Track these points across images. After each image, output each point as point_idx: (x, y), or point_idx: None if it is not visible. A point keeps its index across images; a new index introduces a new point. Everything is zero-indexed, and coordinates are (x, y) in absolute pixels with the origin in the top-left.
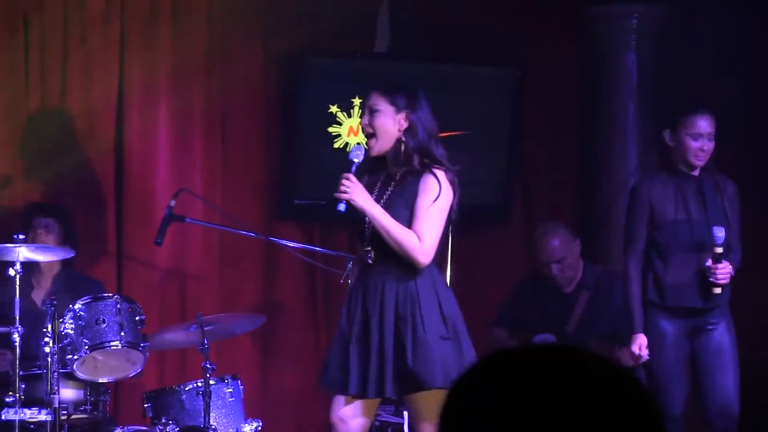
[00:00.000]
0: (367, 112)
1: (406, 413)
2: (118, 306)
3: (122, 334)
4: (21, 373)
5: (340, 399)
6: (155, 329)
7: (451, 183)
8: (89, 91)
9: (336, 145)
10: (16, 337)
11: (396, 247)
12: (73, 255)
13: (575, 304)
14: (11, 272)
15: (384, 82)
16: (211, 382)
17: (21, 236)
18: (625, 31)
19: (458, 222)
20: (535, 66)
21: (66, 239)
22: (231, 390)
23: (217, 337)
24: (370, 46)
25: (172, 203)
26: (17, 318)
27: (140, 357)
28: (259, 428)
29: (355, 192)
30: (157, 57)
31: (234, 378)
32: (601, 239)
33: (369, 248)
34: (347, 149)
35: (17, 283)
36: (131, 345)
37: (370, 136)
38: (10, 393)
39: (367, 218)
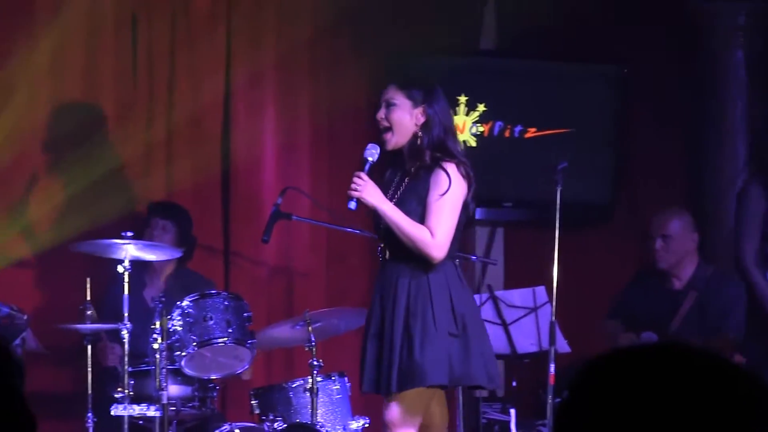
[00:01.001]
0: (383, 105)
1: (513, 410)
2: (226, 303)
3: (230, 330)
4: (130, 369)
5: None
6: (262, 326)
7: (465, 176)
8: (196, 89)
9: None
10: (125, 333)
11: (408, 242)
12: (179, 255)
13: (682, 303)
14: (120, 269)
15: (402, 75)
16: (318, 379)
17: (129, 233)
18: (733, 28)
19: (564, 219)
20: (642, 63)
21: (181, 241)
22: (338, 387)
23: (324, 334)
24: (475, 44)
25: (279, 201)
26: (126, 315)
27: (247, 354)
28: (366, 425)
29: (366, 190)
30: (264, 56)
31: (341, 375)
32: (708, 238)
33: (383, 244)
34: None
35: (126, 280)
36: (239, 342)
37: (386, 130)
38: (120, 389)
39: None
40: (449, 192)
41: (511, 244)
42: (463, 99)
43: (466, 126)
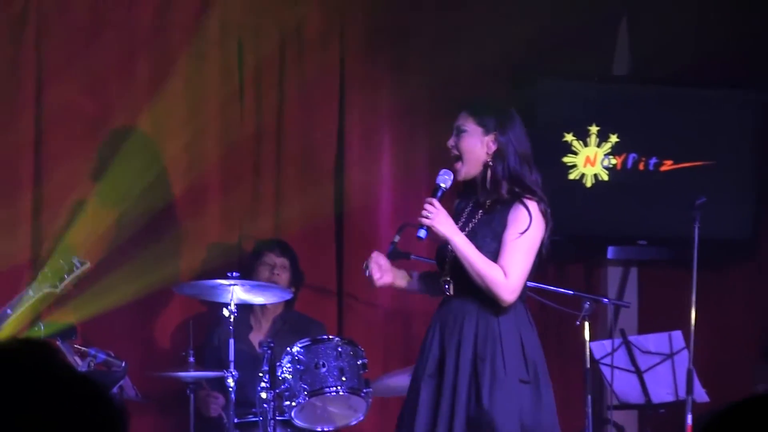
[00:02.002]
0: (454, 132)
1: None
2: (339, 349)
3: (343, 379)
4: (236, 420)
5: None
6: (378, 374)
7: (543, 214)
8: (308, 120)
9: (572, 177)
10: (230, 381)
11: (478, 280)
12: (290, 297)
13: None
14: (225, 313)
15: (474, 101)
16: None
17: (235, 274)
18: None
19: (702, 258)
20: None
21: (295, 281)
22: None
23: None
24: (608, 69)
25: (396, 239)
26: (232, 362)
27: (362, 404)
28: None
29: (438, 218)
30: (379, 83)
31: None
32: None
33: (449, 278)
34: (584, 181)
35: (232, 324)
36: (353, 391)
37: (456, 158)
38: None
39: (449, 246)
40: (529, 231)
41: (646, 285)
42: (594, 129)
43: (598, 158)
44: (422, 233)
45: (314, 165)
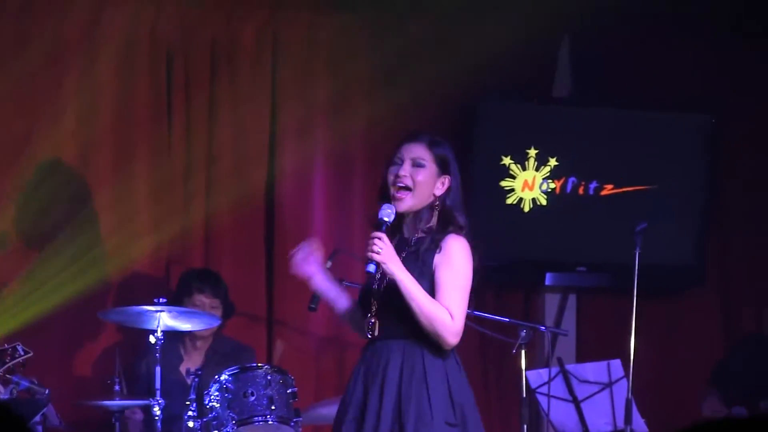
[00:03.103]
0: (408, 162)
1: None
2: (268, 377)
3: (272, 408)
4: None
5: None
6: (309, 403)
7: (472, 252)
8: (238, 138)
9: (509, 201)
10: (156, 410)
11: (426, 323)
12: (218, 323)
13: None
14: (152, 340)
15: (428, 135)
16: None
17: (162, 300)
18: None
19: (644, 285)
20: (734, 110)
21: (226, 314)
22: None
23: None
24: (548, 91)
25: (328, 264)
26: (158, 390)
27: None
28: None
29: (387, 254)
30: (312, 100)
31: None
32: None
33: (373, 320)
34: (522, 206)
35: (158, 351)
36: (282, 420)
37: (405, 189)
38: None
39: (377, 286)
40: (465, 269)
41: (585, 313)
42: (533, 152)
43: (536, 182)
44: (372, 268)
45: (244, 189)
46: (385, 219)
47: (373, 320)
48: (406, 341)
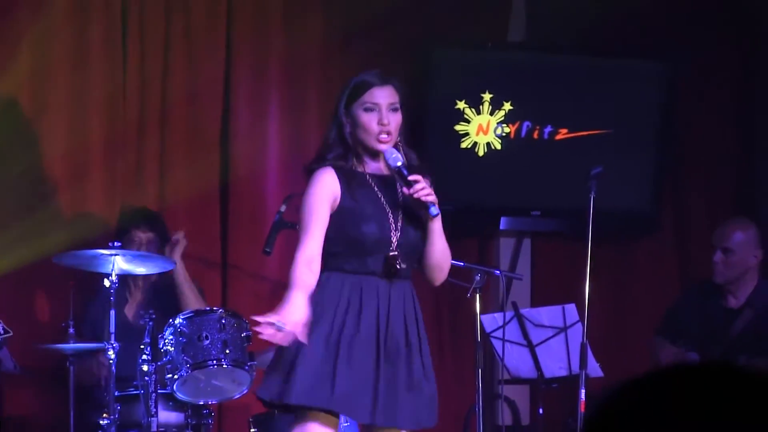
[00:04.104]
0: (384, 108)
1: None
2: (223, 321)
3: (227, 351)
4: (117, 393)
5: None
6: (263, 347)
7: None
8: (193, 93)
9: (464, 145)
10: (111, 353)
11: (443, 262)
12: (173, 266)
13: (735, 322)
14: (106, 283)
15: (392, 77)
16: None
17: (117, 244)
18: None
19: (599, 230)
20: (690, 57)
21: (163, 250)
22: (347, 424)
23: None
24: (502, 36)
25: (282, 209)
26: (113, 333)
27: (246, 377)
28: None
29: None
30: (269, 53)
31: None
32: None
33: (396, 253)
34: (476, 150)
35: (113, 295)
36: (236, 364)
37: (387, 134)
38: (105, 415)
39: (399, 220)
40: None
41: (539, 257)
42: (487, 96)
43: (491, 126)
44: (435, 210)
45: (200, 133)
46: (399, 163)
47: (396, 253)
48: (407, 281)
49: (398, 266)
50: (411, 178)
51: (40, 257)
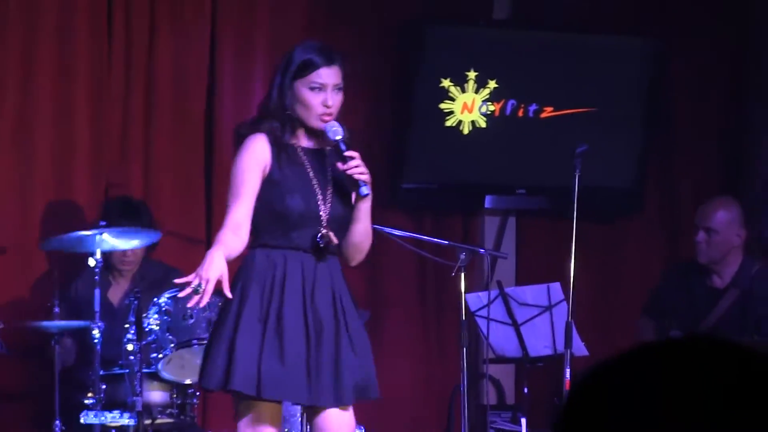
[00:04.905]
0: (331, 89)
1: (524, 420)
2: (208, 300)
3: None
4: (102, 373)
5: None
6: None
7: None
8: (179, 63)
9: (448, 124)
10: (96, 333)
11: (366, 241)
12: (159, 237)
13: (720, 302)
14: (91, 262)
15: (338, 55)
16: None
17: (102, 223)
18: None
19: (584, 208)
20: (677, 34)
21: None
22: None
23: None
24: (487, 12)
25: None
26: (97, 312)
27: None
28: None
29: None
30: (255, 26)
31: None
32: (752, 231)
33: (325, 230)
34: (461, 128)
35: (98, 274)
36: None
37: (329, 115)
38: (90, 394)
39: (328, 195)
40: None
41: (524, 236)
42: (472, 74)
43: (476, 104)
44: (366, 189)
45: (185, 113)
46: (338, 137)
47: (325, 230)
48: (335, 257)
49: (330, 242)
50: (347, 153)
51: (25, 237)
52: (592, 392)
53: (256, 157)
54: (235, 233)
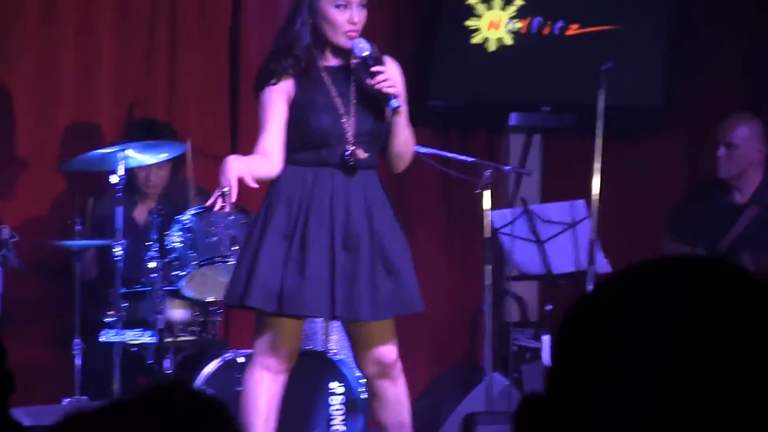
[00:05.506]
0: (356, 6)
1: (546, 337)
2: (231, 217)
3: (234, 248)
4: (123, 290)
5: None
6: None
7: None
8: None
9: (474, 41)
10: (118, 251)
11: (408, 149)
12: (184, 150)
13: (742, 217)
14: (113, 179)
15: None
16: None
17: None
18: None
19: (609, 126)
20: None
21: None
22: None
23: None
24: None
25: None
26: (120, 230)
27: None
28: None
29: (398, 85)
30: None
31: None
32: None
33: (353, 147)
34: (487, 46)
35: (120, 192)
36: None
37: (355, 32)
38: (111, 312)
39: (352, 111)
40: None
41: (549, 153)
42: None
43: (502, 22)
44: (396, 102)
45: (210, 29)
46: (366, 53)
47: (352, 147)
48: (371, 170)
49: (357, 157)
50: (374, 69)
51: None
52: (604, 300)
53: (278, 87)
54: (263, 157)
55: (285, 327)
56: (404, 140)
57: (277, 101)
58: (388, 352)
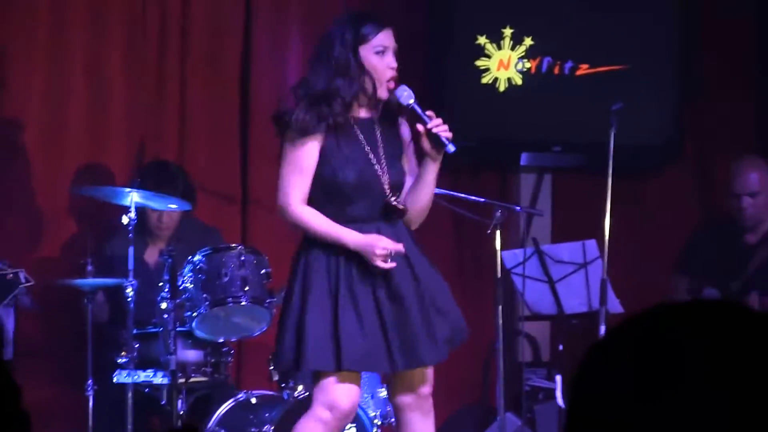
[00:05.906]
0: (392, 53)
1: (559, 377)
2: (242, 258)
3: (246, 289)
4: (135, 331)
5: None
6: (283, 284)
7: None
8: (214, 20)
9: (484, 81)
10: (129, 291)
11: (427, 206)
12: (188, 209)
13: (754, 257)
14: (125, 220)
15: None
16: None
17: (136, 182)
18: None
19: (619, 165)
20: None
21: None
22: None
23: None
24: None
25: None
26: (131, 270)
27: (266, 314)
28: None
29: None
30: None
31: None
32: None
33: (393, 198)
34: (497, 85)
35: (131, 232)
36: (256, 301)
37: (393, 80)
38: (123, 353)
39: (383, 162)
40: None
41: (560, 193)
42: (508, 32)
43: (512, 62)
44: (452, 147)
45: (220, 65)
46: (412, 100)
47: (393, 198)
48: (399, 221)
49: (398, 207)
50: (429, 113)
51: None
52: (611, 349)
53: (315, 137)
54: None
55: (344, 381)
56: (431, 193)
57: (314, 152)
58: (427, 384)
